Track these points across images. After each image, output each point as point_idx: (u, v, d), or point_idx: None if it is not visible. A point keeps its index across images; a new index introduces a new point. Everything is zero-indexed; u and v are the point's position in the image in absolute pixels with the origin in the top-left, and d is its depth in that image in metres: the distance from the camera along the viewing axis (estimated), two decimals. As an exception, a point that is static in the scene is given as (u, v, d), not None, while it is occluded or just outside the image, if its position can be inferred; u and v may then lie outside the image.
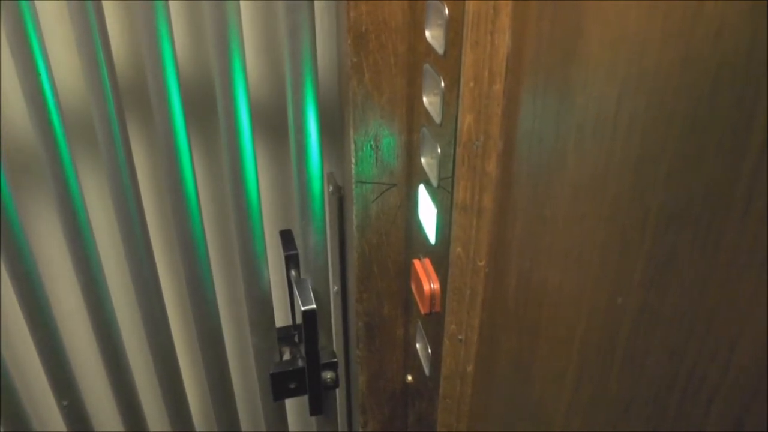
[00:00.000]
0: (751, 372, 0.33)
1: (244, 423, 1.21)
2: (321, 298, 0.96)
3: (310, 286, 0.93)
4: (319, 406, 1.00)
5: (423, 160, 0.78)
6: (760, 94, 0.31)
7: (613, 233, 0.43)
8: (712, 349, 0.35)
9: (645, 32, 0.38)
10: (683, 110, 0.36)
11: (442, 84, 0.67)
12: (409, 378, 1.03)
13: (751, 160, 0.32)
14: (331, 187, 1.00)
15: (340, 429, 1.27)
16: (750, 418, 0.34)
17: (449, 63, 0.65)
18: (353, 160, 0.84)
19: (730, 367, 0.34)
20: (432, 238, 0.77)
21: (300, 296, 0.91)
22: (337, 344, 1.18)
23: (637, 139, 0.40)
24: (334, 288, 1.10)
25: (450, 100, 0.66)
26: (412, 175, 0.85)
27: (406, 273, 0.93)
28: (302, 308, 0.89)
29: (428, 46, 0.71)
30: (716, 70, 0.33)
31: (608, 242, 0.44)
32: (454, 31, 0.63)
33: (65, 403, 1.03)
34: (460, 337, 0.73)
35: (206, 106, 0.98)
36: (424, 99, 0.74)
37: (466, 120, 0.61)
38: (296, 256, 0.95)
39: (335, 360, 0.99)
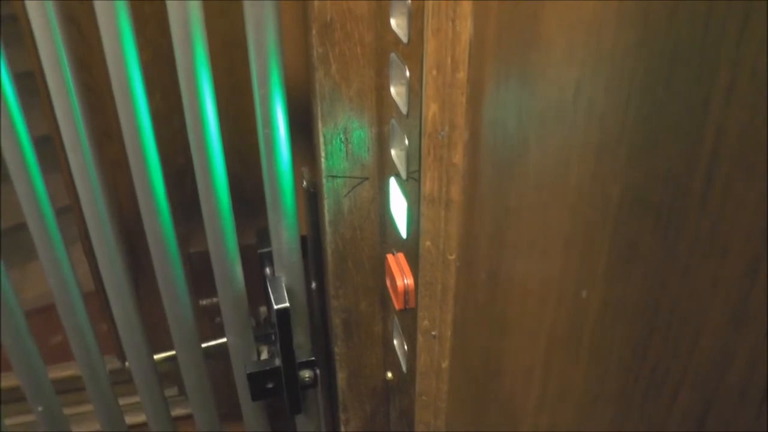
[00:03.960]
0: (712, 368, 0.31)
1: (224, 423, 1.20)
2: (296, 295, 0.94)
3: (283, 284, 0.91)
4: (297, 406, 0.99)
5: (393, 152, 0.76)
6: (716, 75, 0.29)
7: (577, 223, 0.42)
8: (675, 343, 0.34)
9: (601, 14, 0.37)
10: (640, 93, 0.34)
11: (407, 73, 0.66)
12: (389, 375, 1.01)
13: (709, 142, 0.30)
14: (304, 183, 0.98)
15: (323, 427, 1.25)
16: (712, 414, 0.32)
17: (413, 52, 0.64)
18: (323, 154, 0.82)
19: (692, 362, 0.33)
20: (404, 232, 0.76)
21: (273, 294, 0.89)
22: (318, 342, 1.16)
23: (596, 125, 0.38)
24: (312, 284, 1.08)
25: (415, 89, 0.64)
26: (384, 168, 0.83)
27: (383, 268, 0.92)
28: (275, 307, 0.87)
29: (395, 34, 0.69)
30: (671, 52, 0.32)
31: (572, 232, 0.43)
32: (416, 18, 0.61)
33: (40, 408, 1.02)
34: (433, 332, 0.72)
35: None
36: (392, 89, 0.72)
37: (430, 110, 0.59)
38: (270, 253, 0.94)
39: (313, 359, 0.97)
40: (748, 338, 0.29)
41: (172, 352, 1.02)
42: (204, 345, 1.03)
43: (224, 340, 1.01)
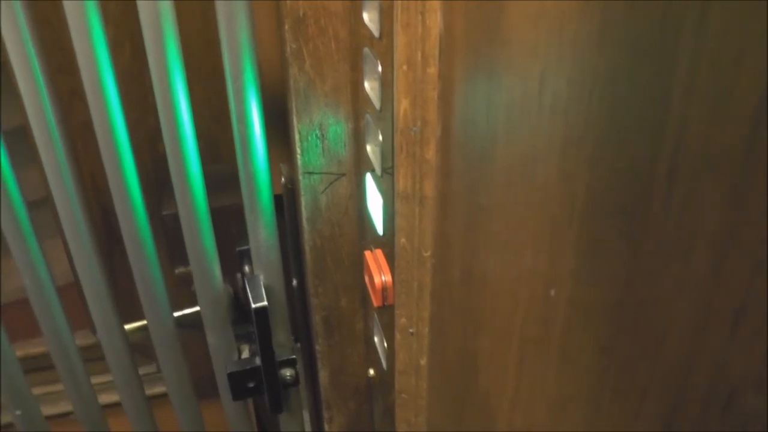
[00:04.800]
0: (677, 371, 0.31)
1: (208, 423, 1.19)
2: (275, 293, 0.93)
3: (261, 283, 0.90)
4: (279, 405, 0.98)
5: (368, 148, 0.75)
6: (675, 69, 0.28)
7: (544, 221, 0.41)
8: (641, 345, 0.33)
9: (562, 5, 0.36)
10: (602, 88, 0.33)
11: (380, 68, 0.64)
12: (372, 372, 1.00)
13: (671, 139, 0.29)
14: (282, 179, 0.97)
15: (308, 426, 1.24)
16: (678, 418, 0.31)
17: (385, 46, 0.62)
18: (299, 151, 0.81)
19: (657, 364, 0.32)
20: (380, 228, 0.75)
21: (251, 293, 0.88)
22: (302, 340, 1.15)
23: (561, 120, 0.37)
24: (293, 282, 1.07)
25: (387, 85, 0.63)
26: (361, 163, 0.82)
27: (362, 264, 0.91)
28: (252, 306, 0.86)
29: (368, 29, 0.68)
30: (631, 45, 0.31)
31: (539, 231, 0.42)
32: (387, 13, 0.60)
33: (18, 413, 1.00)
34: (411, 330, 0.71)
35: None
36: (366, 84, 0.71)
37: (401, 105, 0.58)
38: (249, 251, 0.92)
39: (294, 357, 0.96)
40: (711, 342, 0.28)
41: (144, 322, 0.99)
42: (178, 314, 1.00)
43: (198, 308, 0.97)
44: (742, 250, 0.26)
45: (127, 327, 1.00)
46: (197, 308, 0.96)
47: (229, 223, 0.99)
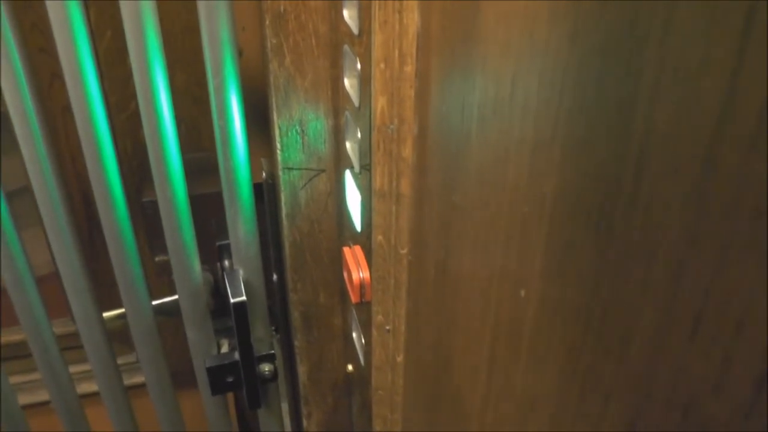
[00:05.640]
0: (641, 373, 0.31)
1: (188, 413, 1.18)
2: (254, 288, 0.93)
3: (240, 277, 0.90)
4: (256, 400, 0.98)
5: (347, 144, 0.75)
6: (642, 71, 0.29)
7: (514, 221, 0.41)
8: (606, 346, 0.33)
9: (534, 6, 0.36)
10: (572, 89, 0.33)
11: (359, 66, 0.64)
12: (350, 368, 1.00)
13: (637, 141, 0.30)
14: (264, 174, 0.97)
15: (289, 421, 1.24)
16: (641, 421, 0.31)
17: (364, 44, 0.62)
18: (278, 146, 0.81)
19: (622, 366, 0.32)
20: (358, 225, 0.75)
21: (230, 288, 0.88)
22: (282, 334, 1.15)
23: (531, 121, 0.37)
24: (274, 277, 1.07)
25: (366, 82, 0.63)
26: (341, 160, 0.82)
27: (341, 261, 0.91)
28: (231, 301, 0.86)
29: (348, 26, 0.68)
30: (600, 47, 0.31)
31: (510, 230, 0.42)
32: (365, 9, 0.60)
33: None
34: (387, 327, 0.71)
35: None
36: (345, 81, 0.71)
37: (379, 103, 0.58)
38: (228, 246, 0.92)
39: (272, 352, 0.96)
40: (672, 347, 0.28)
41: (122, 310, 0.98)
42: (157, 302, 0.99)
43: (176, 297, 0.96)
44: (701, 256, 0.27)
45: (105, 315, 0.99)
46: (177, 296, 0.95)
47: (214, 210, 0.99)
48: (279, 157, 0.82)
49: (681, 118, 0.27)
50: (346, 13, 0.67)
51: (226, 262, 0.95)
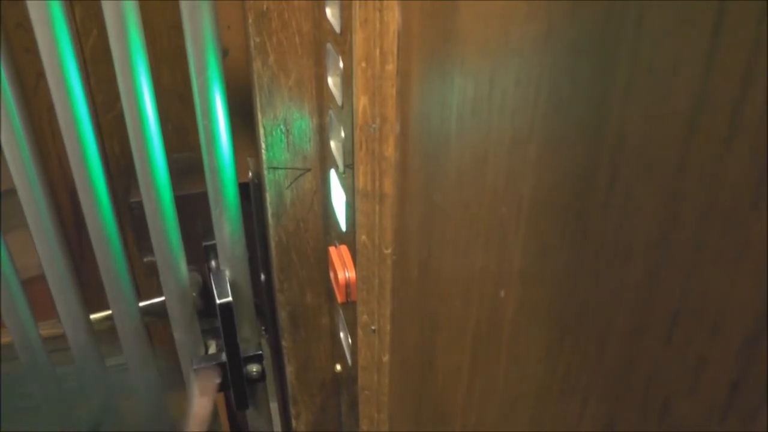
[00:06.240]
0: (617, 375, 0.31)
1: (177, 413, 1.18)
2: (240, 289, 0.92)
3: (226, 278, 0.89)
4: (244, 401, 0.97)
5: (332, 144, 0.74)
6: (615, 71, 0.28)
7: (493, 221, 0.41)
8: (583, 348, 0.33)
9: (510, 5, 0.35)
10: (547, 89, 0.33)
11: (341, 64, 0.64)
12: (338, 367, 1.00)
13: (610, 141, 0.29)
14: (250, 173, 0.96)
15: (277, 421, 1.24)
16: (618, 421, 0.31)
17: (346, 42, 0.62)
18: (263, 146, 0.81)
19: (599, 368, 0.32)
20: (343, 225, 0.74)
21: (216, 288, 0.87)
22: (270, 335, 1.14)
23: (508, 120, 0.37)
24: (261, 277, 1.06)
25: (348, 81, 0.62)
26: (326, 159, 0.82)
27: (328, 260, 0.90)
28: (217, 301, 0.86)
29: (331, 24, 0.67)
30: (574, 46, 0.31)
31: (489, 231, 0.41)
32: (346, 8, 0.59)
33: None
34: (372, 327, 0.70)
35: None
36: (329, 80, 0.71)
37: (360, 102, 0.58)
38: (215, 245, 0.92)
39: (260, 353, 0.96)
40: (647, 347, 0.28)
41: (109, 312, 0.97)
42: (144, 303, 0.99)
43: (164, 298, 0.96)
44: (676, 257, 0.26)
45: (93, 316, 0.99)
46: (164, 298, 0.95)
47: (201, 210, 0.98)
48: (264, 157, 0.81)
49: (654, 118, 0.27)
50: (328, 11, 0.67)
51: (213, 263, 0.95)
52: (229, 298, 0.86)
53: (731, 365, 0.25)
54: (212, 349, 1.03)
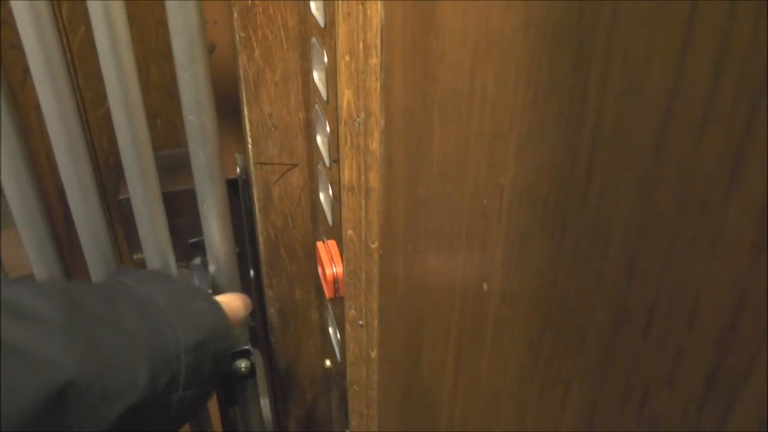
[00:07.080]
0: (597, 368, 0.30)
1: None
2: (228, 285, 0.92)
3: (214, 274, 0.89)
4: (232, 397, 0.97)
5: (318, 138, 0.74)
6: (591, 62, 0.28)
7: (475, 214, 0.40)
8: (564, 341, 0.33)
9: (489, -4, 0.35)
10: (526, 80, 0.33)
11: (325, 59, 0.64)
12: (328, 363, 1.00)
13: (588, 132, 0.29)
14: (238, 169, 0.96)
15: (267, 417, 1.23)
16: (599, 414, 0.31)
17: (330, 36, 0.62)
18: (250, 141, 0.80)
19: (579, 361, 0.32)
20: (330, 219, 0.74)
21: (201, 285, 0.87)
22: (261, 331, 1.14)
23: (488, 112, 0.37)
24: (251, 273, 1.06)
25: (333, 75, 0.62)
26: (313, 154, 0.82)
27: (316, 255, 0.90)
28: (204, 297, 0.85)
29: (315, 18, 0.67)
30: (552, 37, 0.30)
31: (472, 223, 0.41)
32: (330, 1, 0.59)
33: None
34: (360, 322, 0.70)
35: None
36: (314, 74, 0.70)
37: (345, 96, 0.58)
38: (202, 242, 0.91)
39: (247, 348, 0.95)
40: (626, 340, 0.28)
41: None
42: None
43: None
44: (652, 249, 0.26)
45: None
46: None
47: (190, 206, 0.98)
48: (251, 152, 0.81)
49: (629, 109, 0.27)
50: (313, 5, 0.66)
51: (199, 260, 0.94)
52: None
53: (707, 358, 0.25)
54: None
